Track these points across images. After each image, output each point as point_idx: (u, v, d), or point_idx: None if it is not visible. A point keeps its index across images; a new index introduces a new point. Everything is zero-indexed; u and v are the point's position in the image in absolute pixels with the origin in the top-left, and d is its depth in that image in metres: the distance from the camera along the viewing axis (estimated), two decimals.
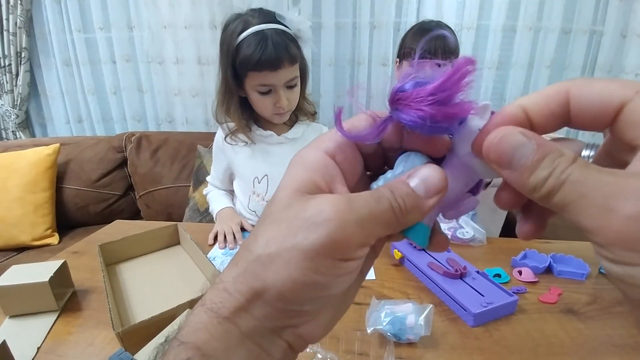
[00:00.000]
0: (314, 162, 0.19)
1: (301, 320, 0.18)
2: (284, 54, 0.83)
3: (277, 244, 0.17)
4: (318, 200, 0.17)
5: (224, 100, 0.93)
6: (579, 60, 1.64)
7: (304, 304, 0.17)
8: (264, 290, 0.17)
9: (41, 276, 0.61)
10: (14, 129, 1.93)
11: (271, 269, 0.16)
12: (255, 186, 0.99)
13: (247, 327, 0.17)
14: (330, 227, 0.16)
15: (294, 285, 0.16)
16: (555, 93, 0.16)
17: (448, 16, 1.58)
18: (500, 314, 0.60)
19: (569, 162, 0.14)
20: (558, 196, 0.14)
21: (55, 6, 1.76)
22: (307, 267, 0.16)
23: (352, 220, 0.16)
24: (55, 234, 1.44)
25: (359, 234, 0.16)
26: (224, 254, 0.83)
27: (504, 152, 0.16)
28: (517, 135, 0.15)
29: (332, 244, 0.16)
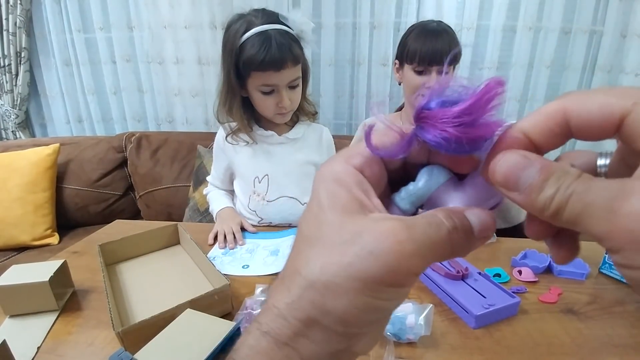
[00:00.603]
0: (350, 179, 0.19)
1: (358, 342, 0.18)
2: (288, 54, 0.84)
3: (333, 272, 0.16)
4: (373, 224, 0.17)
5: (226, 100, 0.93)
6: (579, 60, 1.64)
7: (364, 326, 0.17)
8: (323, 317, 0.17)
9: (41, 276, 0.61)
10: (14, 129, 1.93)
11: (329, 297, 0.16)
12: (256, 186, 0.99)
13: (307, 352, 0.17)
14: (390, 259, 0.16)
15: (355, 311, 0.16)
16: (553, 112, 0.16)
17: (448, 16, 1.58)
18: (502, 315, 0.59)
19: (574, 178, 0.14)
20: (567, 211, 0.14)
21: (55, 6, 1.76)
22: (367, 294, 0.16)
23: (412, 251, 0.16)
24: (55, 234, 1.44)
25: (418, 264, 0.16)
26: (223, 254, 0.83)
27: (509, 176, 0.16)
28: (520, 159, 0.16)
29: (391, 274, 0.16)
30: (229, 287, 0.60)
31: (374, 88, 1.75)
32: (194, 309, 0.53)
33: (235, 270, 0.76)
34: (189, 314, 0.52)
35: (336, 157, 0.20)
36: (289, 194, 0.99)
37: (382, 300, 0.17)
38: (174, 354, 0.45)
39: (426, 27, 1.01)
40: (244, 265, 0.78)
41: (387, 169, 0.20)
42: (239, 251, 0.84)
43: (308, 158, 1.03)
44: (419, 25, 1.03)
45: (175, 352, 0.45)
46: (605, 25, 1.59)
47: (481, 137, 0.17)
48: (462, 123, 0.17)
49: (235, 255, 0.82)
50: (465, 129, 0.17)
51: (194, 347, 0.46)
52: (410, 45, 1.01)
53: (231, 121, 0.98)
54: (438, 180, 0.19)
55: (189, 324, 0.51)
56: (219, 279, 0.62)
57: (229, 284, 0.59)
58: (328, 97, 1.79)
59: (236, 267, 0.77)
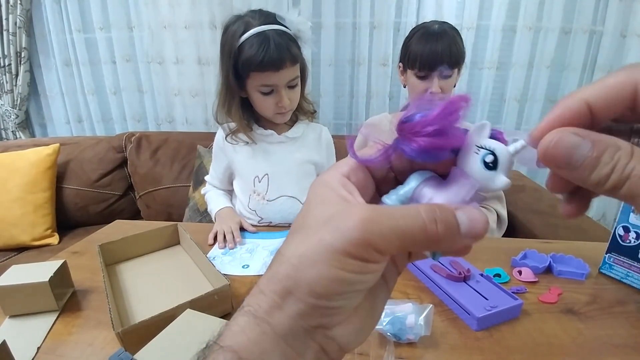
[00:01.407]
0: (335, 181, 0.21)
1: (332, 320, 0.19)
2: (286, 54, 0.84)
3: (307, 246, 0.18)
4: (347, 207, 0.18)
5: (225, 101, 0.93)
6: (579, 60, 1.65)
7: (333, 299, 0.18)
8: (296, 287, 0.18)
9: (41, 276, 0.61)
10: (14, 129, 1.93)
11: (301, 268, 0.18)
12: (256, 185, 0.99)
13: (282, 326, 0.18)
14: (352, 232, 0.17)
15: (323, 280, 0.18)
16: (621, 84, 0.15)
17: (448, 16, 1.58)
18: (504, 317, 0.59)
19: (629, 155, 0.15)
20: (624, 190, 0.15)
21: (55, 6, 1.76)
22: (334, 264, 0.17)
23: (374, 228, 0.17)
24: (55, 234, 1.44)
25: (379, 242, 0.17)
26: (223, 254, 0.83)
27: (561, 156, 0.16)
28: (571, 137, 0.16)
29: (353, 246, 0.17)
30: (229, 287, 0.60)
31: (374, 88, 1.75)
32: (194, 309, 0.53)
33: (236, 270, 0.76)
34: (189, 314, 0.52)
35: (329, 169, 0.22)
36: (288, 193, 0.99)
37: (347, 272, 0.17)
38: (174, 354, 0.45)
39: (428, 31, 0.99)
40: (244, 265, 0.78)
41: (376, 177, 0.22)
42: (239, 251, 0.84)
43: (307, 157, 1.03)
44: (421, 28, 1.01)
45: (175, 353, 0.45)
46: (605, 25, 1.59)
47: (447, 146, 0.19)
48: (428, 134, 0.18)
49: (235, 255, 0.82)
50: (434, 138, 0.18)
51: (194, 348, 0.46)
52: (411, 49, 1.00)
53: (230, 121, 0.98)
54: (419, 177, 0.21)
55: (189, 324, 0.51)
56: (219, 279, 0.62)
57: (229, 284, 0.59)
58: (328, 97, 1.79)
59: (236, 267, 0.77)
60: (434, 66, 0.97)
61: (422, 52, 0.97)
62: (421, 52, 0.97)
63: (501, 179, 0.19)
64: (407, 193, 0.21)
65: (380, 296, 0.22)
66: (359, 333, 0.20)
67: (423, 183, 0.21)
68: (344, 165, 0.22)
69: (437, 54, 0.96)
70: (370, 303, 0.21)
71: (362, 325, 0.21)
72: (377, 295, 0.21)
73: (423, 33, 0.99)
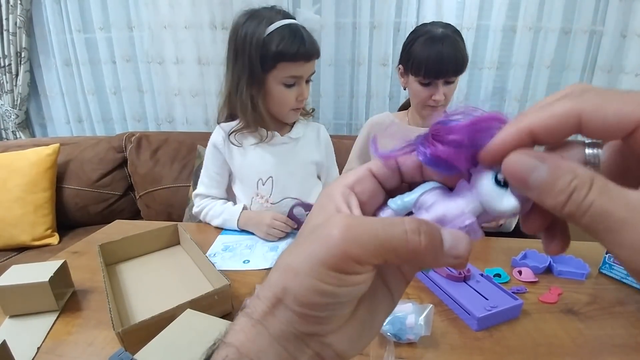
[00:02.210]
0: (337, 192, 0.21)
1: (324, 329, 0.19)
2: (316, 46, 0.88)
3: (293, 254, 0.19)
4: (333, 217, 0.18)
5: (247, 97, 0.89)
6: (579, 60, 1.64)
7: (318, 309, 0.18)
8: (284, 295, 0.18)
9: (41, 276, 0.61)
10: (14, 129, 1.93)
11: (288, 277, 0.18)
12: (259, 188, 0.97)
13: (275, 330, 0.19)
14: (332, 243, 0.17)
15: (306, 291, 0.18)
16: (566, 115, 0.16)
17: (448, 16, 1.58)
18: (504, 318, 0.59)
19: (586, 186, 0.15)
20: (584, 222, 0.15)
21: (55, 6, 1.76)
22: (314, 275, 0.17)
23: (353, 238, 0.17)
24: (55, 234, 1.44)
25: (358, 252, 0.17)
26: (223, 250, 0.84)
27: (519, 177, 0.16)
28: (528, 159, 0.16)
29: (332, 258, 0.17)
30: (229, 287, 0.60)
31: (374, 88, 1.75)
32: (194, 309, 0.53)
33: (236, 265, 0.77)
34: (189, 314, 0.52)
35: (336, 179, 0.23)
36: (292, 195, 0.98)
37: (328, 284, 0.17)
38: (174, 354, 0.45)
39: (432, 36, 0.95)
40: (245, 260, 0.79)
41: (387, 188, 0.22)
42: (239, 247, 0.85)
43: (310, 157, 1.03)
44: (425, 33, 0.97)
45: (175, 353, 0.45)
46: (605, 25, 1.59)
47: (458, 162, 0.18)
48: (448, 142, 0.18)
49: (235, 251, 0.83)
50: (449, 149, 0.18)
51: (194, 348, 0.46)
52: (415, 55, 0.96)
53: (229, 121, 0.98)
54: (426, 186, 0.20)
55: (189, 324, 0.51)
56: (219, 279, 0.62)
57: (229, 284, 0.59)
58: (328, 97, 1.79)
59: (237, 262, 0.78)
60: (439, 74, 0.95)
61: (427, 60, 0.94)
62: (426, 59, 0.94)
63: (509, 201, 0.18)
64: (412, 199, 0.20)
65: (381, 306, 0.21)
66: (356, 342, 0.20)
67: (428, 192, 0.20)
68: (350, 176, 0.22)
69: (442, 62, 0.93)
70: (369, 312, 0.20)
71: (360, 334, 0.20)
72: (377, 305, 0.21)
73: (427, 39, 0.95)
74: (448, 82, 0.99)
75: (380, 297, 0.21)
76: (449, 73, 0.96)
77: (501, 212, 0.18)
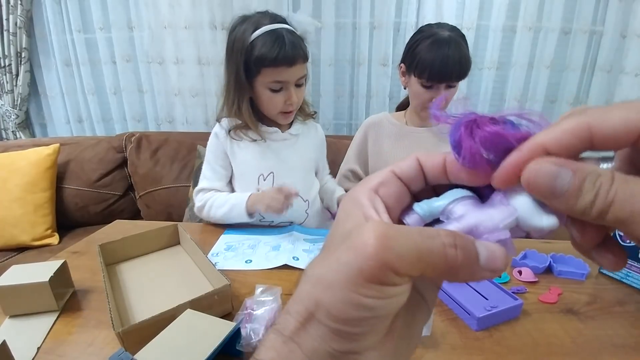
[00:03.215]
0: (363, 196, 0.20)
1: (360, 346, 0.18)
2: (299, 50, 0.86)
3: (323, 265, 0.18)
4: (365, 224, 0.17)
5: (234, 99, 0.92)
6: (579, 61, 1.65)
7: (354, 324, 0.17)
8: (316, 310, 0.17)
9: (41, 276, 0.61)
10: (14, 129, 1.93)
11: (319, 289, 0.17)
12: (260, 183, 0.98)
13: (308, 347, 0.17)
14: (367, 251, 0.16)
15: (339, 304, 0.17)
16: (577, 130, 0.16)
17: (448, 16, 1.59)
18: (504, 318, 0.59)
19: (610, 180, 0.15)
20: (610, 216, 0.15)
21: (55, 6, 1.76)
22: (349, 287, 0.16)
23: (394, 246, 0.16)
24: (55, 234, 1.44)
25: (395, 261, 0.16)
26: (226, 250, 0.83)
27: (543, 186, 0.16)
28: (551, 167, 0.16)
29: (367, 268, 0.16)
30: (229, 287, 0.60)
31: (374, 88, 1.75)
32: (194, 309, 0.53)
33: (239, 265, 0.77)
34: (189, 314, 0.52)
35: (359, 183, 0.22)
36: None
37: (363, 296, 0.16)
38: (174, 355, 0.45)
39: (439, 39, 0.94)
40: (247, 260, 0.79)
41: (413, 190, 0.21)
42: (241, 247, 0.85)
43: (309, 154, 1.04)
44: (432, 34, 0.96)
45: (175, 353, 0.45)
46: (605, 25, 1.59)
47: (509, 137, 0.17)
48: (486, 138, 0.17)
49: (237, 251, 0.83)
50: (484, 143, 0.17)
51: (194, 348, 0.46)
52: (420, 57, 0.96)
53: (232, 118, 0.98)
54: (457, 194, 0.19)
55: (189, 324, 0.51)
56: (219, 279, 0.62)
57: (229, 284, 0.59)
58: (328, 97, 1.79)
59: (240, 262, 0.78)
60: (443, 78, 0.95)
61: (432, 64, 0.93)
62: (431, 63, 0.94)
63: (549, 218, 0.17)
64: (440, 206, 0.19)
65: (418, 317, 0.20)
66: (392, 358, 0.19)
67: (459, 200, 0.19)
68: (374, 179, 0.21)
69: (447, 67, 0.93)
70: (406, 325, 0.19)
71: (398, 349, 0.19)
72: (414, 317, 0.20)
73: (434, 41, 0.94)
74: (450, 86, 0.99)
75: (416, 308, 0.20)
76: (453, 78, 0.96)
77: (540, 229, 0.17)
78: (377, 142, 1.16)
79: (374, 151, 1.16)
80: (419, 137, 1.12)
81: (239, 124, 0.96)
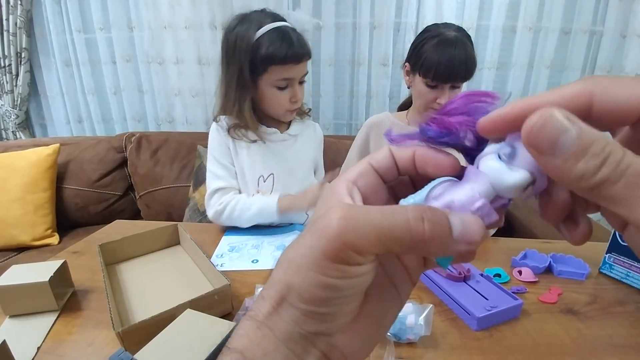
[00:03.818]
0: (340, 187, 0.21)
1: (330, 327, 0.18)
2: (306, 48, 0.87)
3: (294, 249, 0.18)
4: (331, 207, 0.17)
5: (235, 99, 0.91)
6: (579, 61, 1.65)
7: (322, 305, 0.17)
8: (287, 293, 0.18)
9: (41, 276, 0.61)
10: (14, 129, 1.93)
11: (290, 273, 0.18)
12: (260, 185, 0.97)
13: (280, 330, 0.18)
14: (330, 232, 0.16)
15: (306, 286, 0.17)
16: (577, 94, 0.15)
17: (448, 16, 1.59)
18: (504, 318, 0.59)
19: (622, 150, 0.13)
20: (615, 188, 0.13)
21: (55, 6, 1.76)
22: (315, 269, 0.17)
23: (352, 227, 0.16)
24: (55, 234, 1.44)
25: (357, 241, 0.16)
26: (229, 251, 0.84)
27: (546, 139, 0.14)
28: (561, 120, 0.14)
29: (330, 249, 0.16)
30: (229, 287, 0.60)
31: (374, 88, 1.75)
32: (194, 309, 0.53)
33: (245, 265, 0.77)
34: (189, 314, 0.52)
35: (338, 176, 0.22)
36: (293, 192, 0.98)
37: (328, 277, 0.17)
38: (174, 354, 0.45)
39: (446, 39, 0.94)
40: (254, 260, 0.79)
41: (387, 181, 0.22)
42: (245, 247, 0.85)
43: (308, 154, 1.04)
44: (438, 34, 0.95)
45: (175, 353, 0.45)
46: (605, 25, 1.59)
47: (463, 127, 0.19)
48: (450, 112, 0.19)
49: (242, 251, 0.83)
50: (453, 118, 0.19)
51: (194, 348, 0.46)
52: (425, 57, 0.95)
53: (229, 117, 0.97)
54: (436, 181, 0.20)
55: (189, 324, 0.51)
56: (219, 279, 0.62)
57: (229, 284, 0.59)
58: (328, 97, 1.79)
59: (245, 262, 0.78)
60: (449, 79, 0.95)
61: (438, 64, 0.93)
62: (437, 63, 0.94)
63: (518, 172, 0.17)
64: (423, 196, 0.20)
65: (388, 305, 0.21)
66: (364, 342, 0.20)
67: (438, 185, 0.19)
68: (351, 172, 0.21)
69: (453, 67, 0.93)
70: (376, 311, 0.20)
71: (367, 334, 0.20)
72: (385, 303, 0.20)
73: (440, 41, 0.94)
74: (454, 87, 0.99)
75: (388, 295, 0.21)
76: (458, 78, 0.96)
77: (512, 186, 0.17)
78: (379, 141, 1.16)
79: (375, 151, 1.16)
80: None
81: (237, 123, 0.95)
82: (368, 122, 1.19)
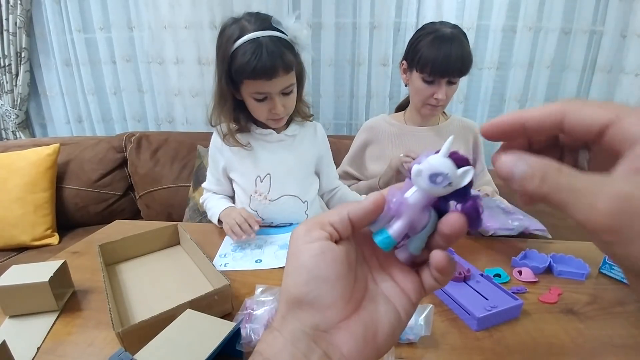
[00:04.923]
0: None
1: (325, 318, 0.23)
2: (279, 62, 0.82)
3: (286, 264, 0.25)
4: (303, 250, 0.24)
5: (219, 104, 0.93)
6: (579, 61, 1.64)
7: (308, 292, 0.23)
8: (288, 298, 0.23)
9: (41, 276, 0.61)
10: (14, 129, 1.93)
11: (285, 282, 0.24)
12: (258, 185, 0.98)
13: (287, 332, 0.23)
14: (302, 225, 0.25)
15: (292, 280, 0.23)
16: (555, 112, 0.19)
17: (448, 16, 1.58)
18: (504, 318, 0.59)
19: (556, 172, 0.18)
20: (554, 199, 0.18)
21: (55, 6, 1.76)
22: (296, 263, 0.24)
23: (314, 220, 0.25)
24: (55, 234, 1.44)
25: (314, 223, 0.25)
26: (233, 250, 0.83)
27: (506, 171, 0.20)
28: (513, 157, 0.20)
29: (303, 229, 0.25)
30: (229, 287, 0.60)
31: (374, 88, 1.75)
32: (194, 309, 0.53)
33: (249, 265, 0.77)
34: (189, 314, 0.52)
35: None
36: (291, 192, 0.98)
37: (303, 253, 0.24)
38: (174, 355, 0.45)
39: (440, 35, 0.96)
40: (257, 260, 0.79)
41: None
42: (249, 247, 0.85)
43: (306, 154, 1.03)
44: (434, 30, 0.98)
45: (175, 353, 0.45)
46: (605, 25, 1.59)
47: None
48: None
49: (245, 251, 0.83)
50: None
51: (194, 348, 0.46)
52: (422, 53, 0.97)
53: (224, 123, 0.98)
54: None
55: (189, 324, 0.51)
56: (219, 279, 0.62)
57: (229, 284, 0.59)
58: (328, 97, 1.79)
59: (249, 262, 0.78)
60: (445, 74, 0.96)
61: (434, 59, 0.95)
62: (433, 58, 0.95)
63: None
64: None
65: (382, 314, 0.24)
66: (358, 342, 0.23)
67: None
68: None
69: (449, 62, 0.94)
70: (367, 316, 0.24)
71: (361, 334, 0.23)
72: (378, 311, 0.24)
73: (436, 37, 0.96)
74: (451, 83, 0.99)
75: (382, 304, 0.25)
76: (454, 73, 0.97)
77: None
78: (377, 145, 1.16)
79: (375, 154, 1.16)
80: (419, 136, 1.12)
81: (233, 127, 0.96)
82: (364, 126, 1.20)
